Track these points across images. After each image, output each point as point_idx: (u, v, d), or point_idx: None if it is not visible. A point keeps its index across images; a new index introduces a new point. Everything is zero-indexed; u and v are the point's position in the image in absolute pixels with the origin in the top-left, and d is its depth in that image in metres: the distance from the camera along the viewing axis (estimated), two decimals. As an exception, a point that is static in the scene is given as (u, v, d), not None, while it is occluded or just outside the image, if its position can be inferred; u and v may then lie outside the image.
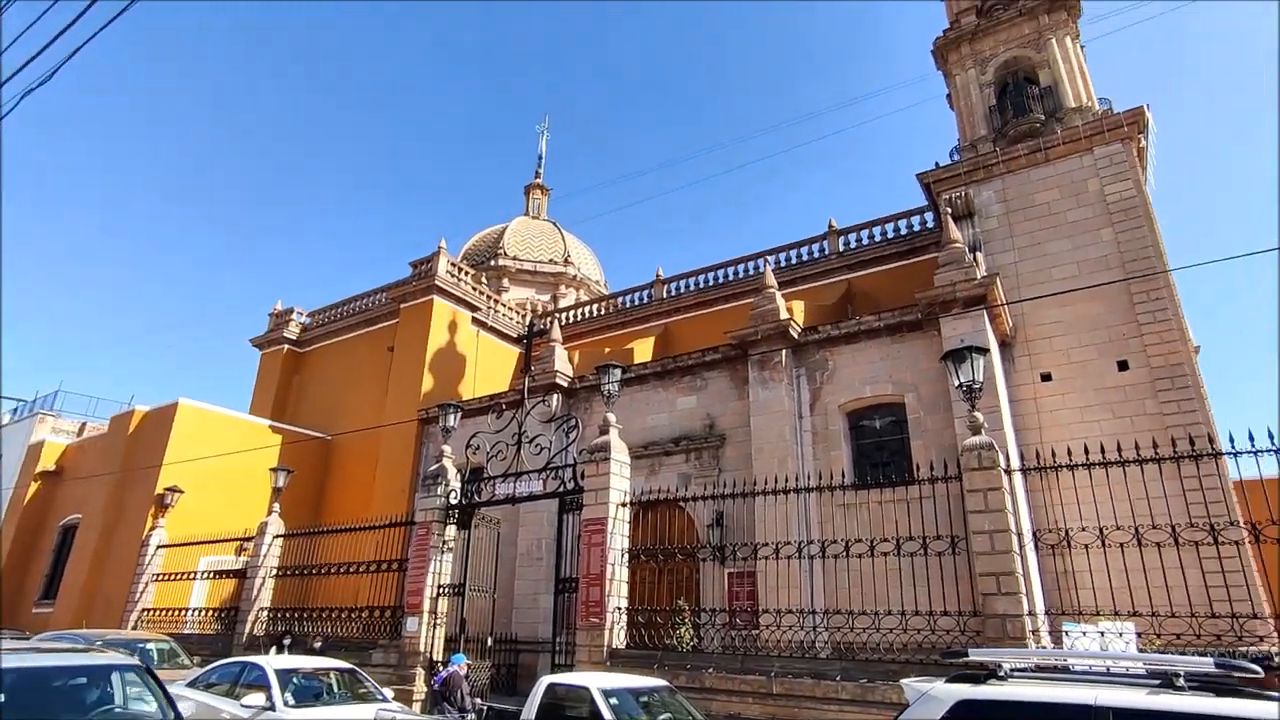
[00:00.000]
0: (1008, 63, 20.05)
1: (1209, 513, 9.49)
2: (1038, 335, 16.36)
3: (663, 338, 24.72)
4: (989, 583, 9.40)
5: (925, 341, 15.67)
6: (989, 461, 9.79)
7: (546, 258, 35.65)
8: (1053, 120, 18.39)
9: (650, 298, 26.24)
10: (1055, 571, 13.19)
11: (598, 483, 12.32)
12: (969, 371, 10.39)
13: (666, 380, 19.07)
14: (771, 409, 16.56)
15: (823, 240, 23.04)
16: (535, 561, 18.17)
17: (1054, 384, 15.88)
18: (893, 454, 15.66)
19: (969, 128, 19.90)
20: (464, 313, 25.66)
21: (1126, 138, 16.87)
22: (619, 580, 11.79)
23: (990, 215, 18.14)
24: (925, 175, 19.38)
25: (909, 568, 9.82)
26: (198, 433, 21.94)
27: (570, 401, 20.25)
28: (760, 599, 14.05)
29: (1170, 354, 14.75)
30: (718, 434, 17.61)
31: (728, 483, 13.56)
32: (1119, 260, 16.07)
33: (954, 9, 21.86)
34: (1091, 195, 16.94)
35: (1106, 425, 14.64)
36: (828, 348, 16.89)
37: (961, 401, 11.72)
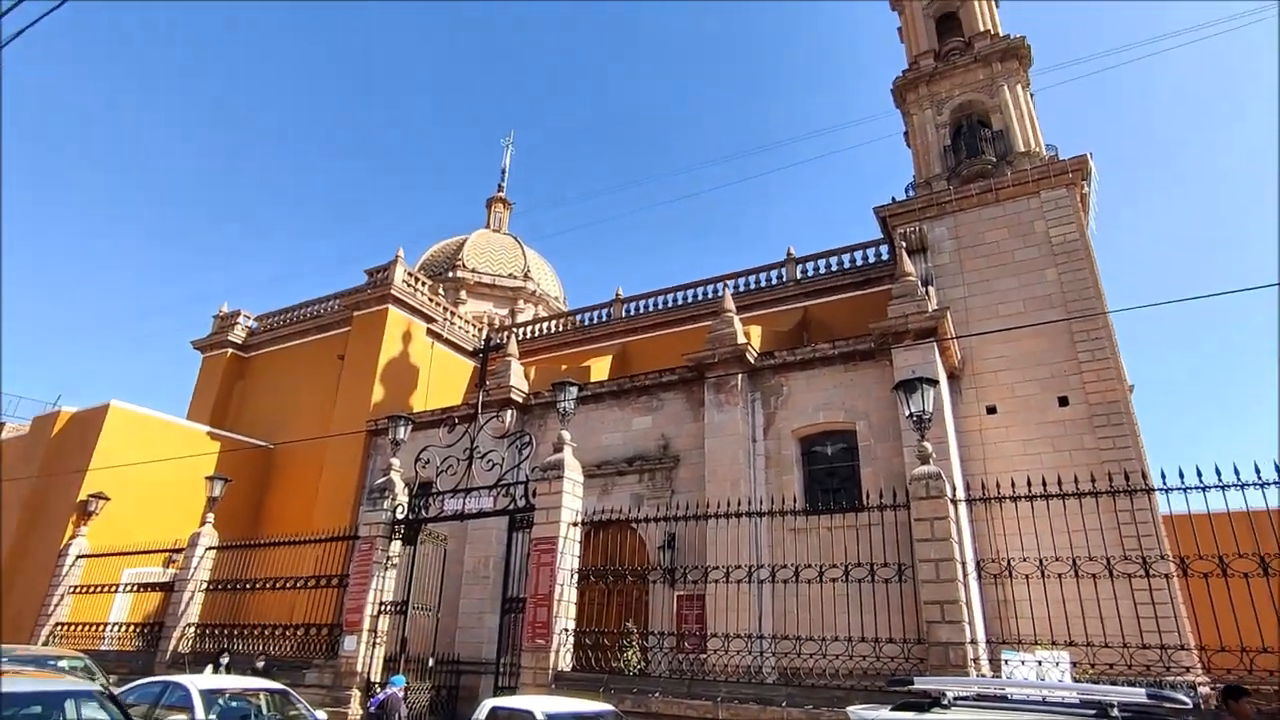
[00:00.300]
0: (962, 105, 20.85)
1: (1141, 546, 9.87)
2: (984, 369, 16.86)
3: (620, 357, 24.70)
4: (933, 610, 9.55)
5: (877, 370, 16.00)
6: (936, 491, 9.98)
7: (506, 272, 35.40)
8: (1003, 163, 19.15)
9: (609, 316, 26.24)
10: (996, 600, 13.49)
11: (550, 501, 12.15)
12: (919, 402, 10.62)
13: (623, 400, 19.02)
14: (726, 432, 16.64)
15: (781, 267, 23.43)
16: (482, 580, 17.79)
17: (999, 417, 16.35)
18: (843, 480, 15.86)
19: (924, 165, 20.57)
20: (419, 323, 25.24)
21: (1071, 183, 17.66)
22: (567, 601, 11.61)
23: (942, 251, 18.71)
24: (882, 209, 19.92)
25: (856, 594, 9.91)
26: (129, 438, 20.95)
27: (525, 418, 20.02)
28: (709, 622, 13.99)
29: (1107, 392, 15.36)
30: (672, 455, 17.60)
31: (680, 504, 13.54)
32: (1062, 300, 16.72)
33: (913, 51, 22.67)
34: (1038, 236, 17.64)
35: (1047, 458, 15.11)
36: (783, 373, 17.10)
37: (911, 431, 11.95)
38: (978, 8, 21.91)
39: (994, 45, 20.72)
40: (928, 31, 22.65)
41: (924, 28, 22.74)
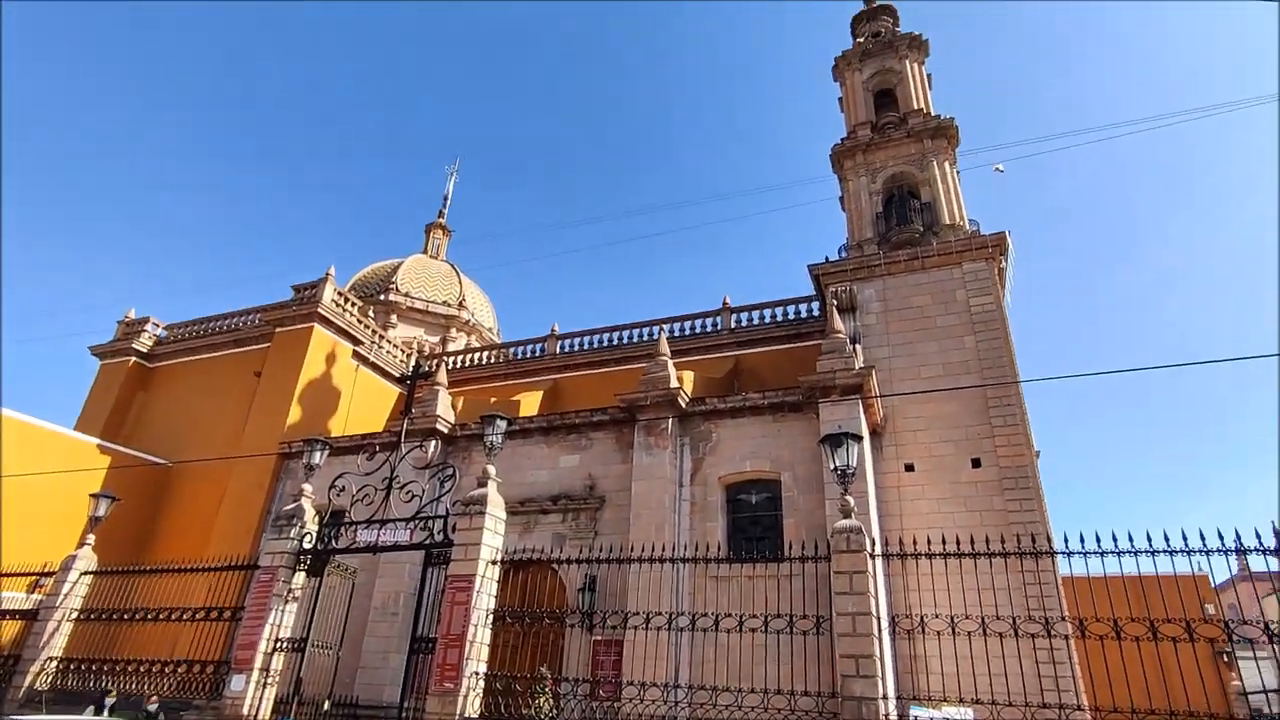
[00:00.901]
0: (895, 176, 22.01)
1: (1044, 606, 10.29)
2: (905, 428, 17.46)
3: (551, 393, 24.45)
4: (849, 664, 9.60)
5: (804, 423, 16.35)
6: (857, 545, 10.14)
7: (440, 299, 34.75)
8: (930, 233, 20.23)
9: (543, 351, 26.01)
10: (906, 655, 13.73)
11: (469, 537, 11.73)
12: (844, 456, 10.86)
13: (551, 436, 18.76)
14: (654, 475, 16.59)
15: (716, 316, 23.85)
16: (390, 617, 16.94)
17: (916, 475, 16.91)
18: (766, 529, 16.00)
19: (858, 229, 21.52)
20: (345, 345, 24.36)
21: (990, 257, 18.79)
22: (480, 643, 11.13)
23: (870, 312, 19.47)
24: (816, 268, 20.65)
25: (775, 645, 9.89)
26: (5, 447, 19.20)
27: (449, 449, 19.45)
28: (626, 670, 13.68)
29: (1017, 456, 16.14)
30: (598, 495, 17.39)
31: (603, 546, 13.31)
32: (978, 366, 17.59)
33: (852, 121, 23.89)
34: (959, 305, 18.60)
35: (959, 518, 15.66)
36: (713, 420, 17.26)
37: (834, 484, 12.20)
38: (913, 87, 23.36)
39: (926, 123, 22.07)
40: (866, 104, 23.95)
41: (863, 100, 24.04)
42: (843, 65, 25.27)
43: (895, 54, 24.23)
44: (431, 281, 35.47)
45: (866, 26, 26.74)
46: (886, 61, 24.30)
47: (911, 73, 23.67)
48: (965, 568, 9.91)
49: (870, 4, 27.27)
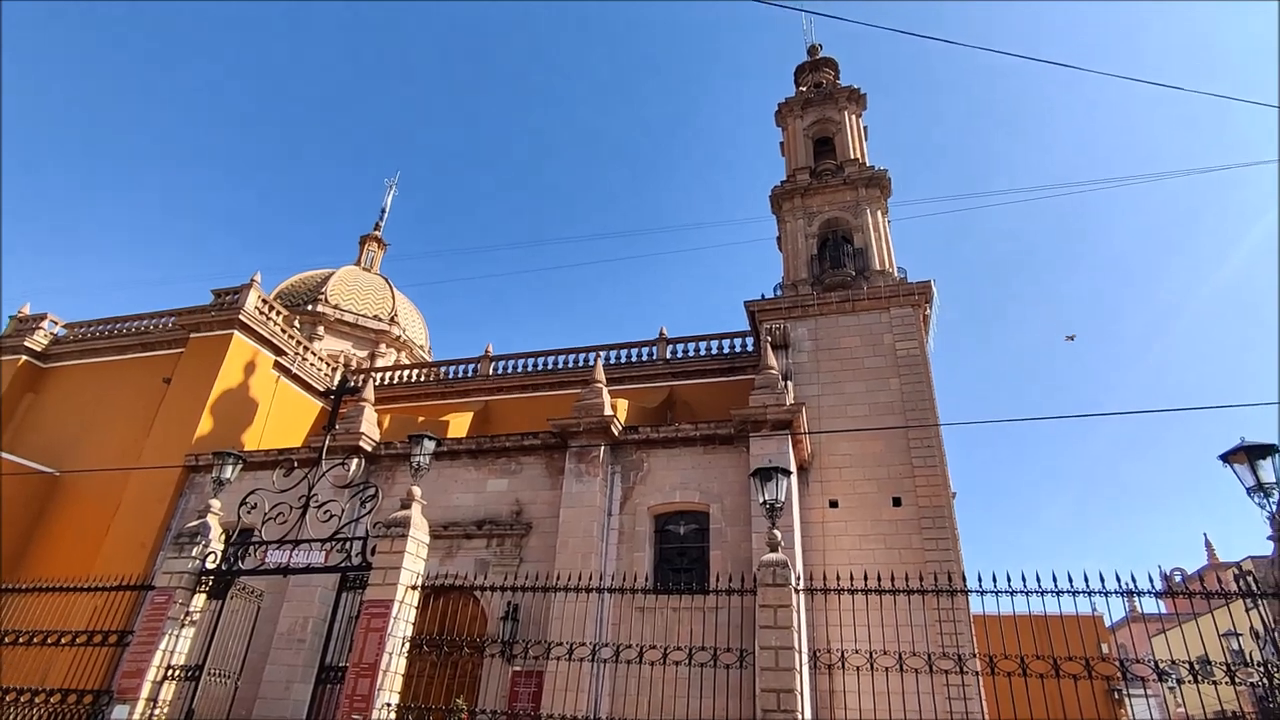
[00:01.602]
0: (830, 221, 22.85)
1: (957, 643, 10.62)
2: (830, 464, 17.89)
3: (482, 415, 23.98)
4: (770, 699, 9.64)
5: (734, 456, 16.54)
6: (783, 579, 10.25)
7: (371, 313, 33.77)
8: (861, 277, 21.02)
9: (475, 372, 25.55)
10: (823, 690, 13.89)
11: (390, 560, 11.26)
12: (774, 490, 11.00)
13: (480, 459, 18.35)
14: (583, 503, 16.41)
15: (653, 346, 24.01)
16: (297, 644, 16.02)
17: (840, 511, 17.30)
18: (693, 561, 16.01)
19: (793, 269, 22.16)
20: (267, 355, 23.30)
21: (916, 304, 19.66)
22: (394, 672, 10.64)
23: (802, 350, 20.00)
24: (752, 304, 21.12)
25: (698, 678, 9.83)
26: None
27: (372, 468, 18.76)
28: (545, 702, 13.33)
29: (935, 496, 16.74)
30: (525, 521, 17.06)
31: (528, 574, 13.03)
32: (902, 408, 18.26)
33: (792, 165, 24.76)
34: (885, 348, 19.32)
35: (879, 554, 16.08)
36: (645, 449, 17.26)
37: (762, 518, 12.35)
38: (850, 137, 24.43)
39: (861, 172, 23.08)
40: (806, 150, 24.89)
41: (803, 147, 24.97)
42: (785, 112, 26.23)
43: (835, 105, 25.32)
44: (363, 294, 34.47)
45: (809, 77, 27.92)
46: (826, 111, 25.36)
47: (849, 124, 24.77)
48: (885, 604, 10.15)
49: (813, 56, 28.51)
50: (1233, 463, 8.77)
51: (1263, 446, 8.56)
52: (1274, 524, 8.62)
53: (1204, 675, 8.08)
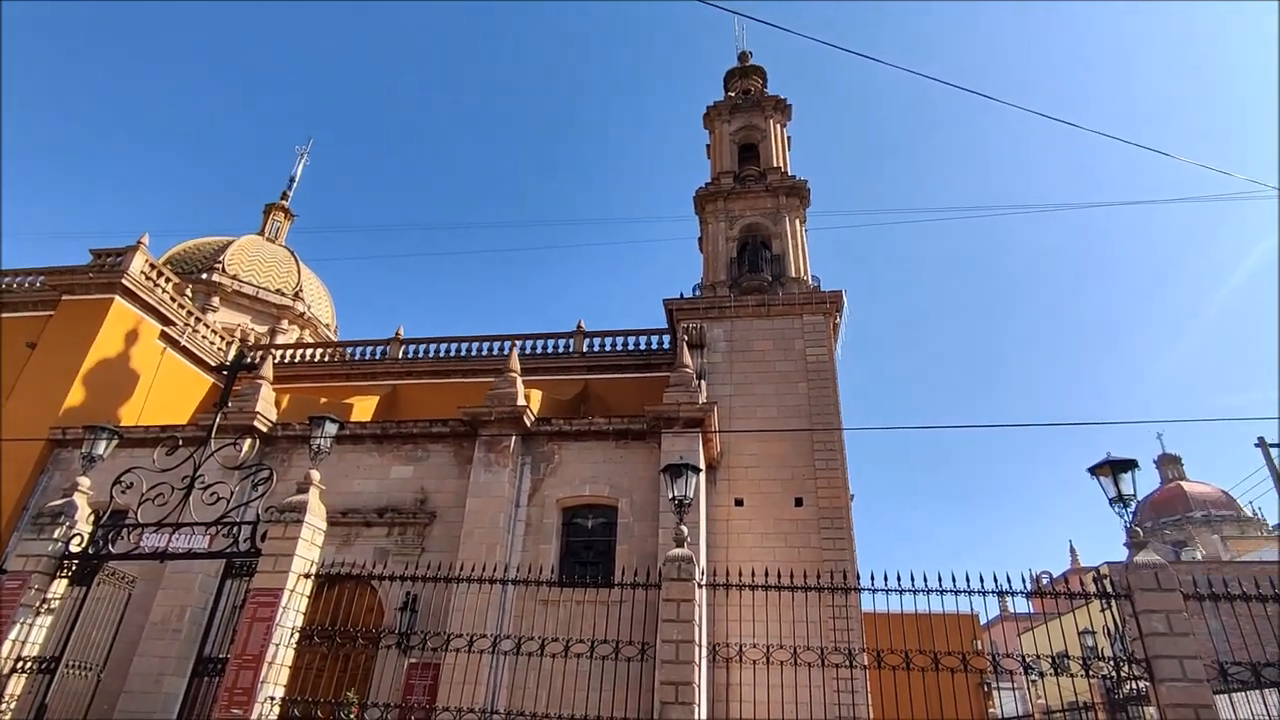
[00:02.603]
0: (751, 226, 23.36)
1: (848, 639, 11.11)
2: (738, 464, 18.32)
3: (389, 399, 23.17)
4: (668, 691, 9.77)
5: (645, 451, 16.68)
6: (687, 574, 10.41)
7: (275, 286, 31.96)
8: (777, 283, 21.61)
9: (384, 355, 24.65)
10: (721, 683, 14.22)
11: (281, 547, 10.70)
12: (683, 487, 11.17)
13: (385, 445, 17.73)
14: (491, 493, 16.14)
15: (569, 338, 23.87)
16: (172, 634, 14.99)
17: (745, 509, 17.75)
18: (599, 555, 16.04)
19: (712, 270, 22.54)
20: (152, 324, 21.65)
21: (827, 312, 20.40)
22: (280, 664, 10.12)
23: (717, 350, 20.37)
24: (670, 303, 21.34)
25: (599, 671, 9.86)
26: None
27: (267, 450, 17.77)
28: (441, 695, 13.03)
29: (834, 498, 17.43)
30: (429, 510, 16.61)
31: (429, 564, 12.68)
32: (808, 411, 18.90)
33: (717, 168, 25.16)
34: (796, 353, 19.95)
35: (779, 552, 16.60)
36: (557, 441, 17.15)
37: (670, 513, 12.51)
38: (774, 145, 25.05)
39: (782, 181, 23.71)
40: (731, 155, 25.34)
41: (729, 151, 25.42)
42: (713, 115, 26.63)
43: (761, 113, 25.91)
44: (266, 266, 32.56)
45: (738, 83, 28.44)
46: (753, 119, 25.91)
47: (774, 132, 25.39)
48: (783, 600, 10.49)
49: (743, 63, 29.06)
50: (1099, 475, 9.55)
51: (1125, 461, 9.37)
52: (1129, 532, 9.47)
53: (1062, 669, 8.77)
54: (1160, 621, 8.50)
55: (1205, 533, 46.31)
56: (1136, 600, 8.70)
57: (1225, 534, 45.45)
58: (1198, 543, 44.72)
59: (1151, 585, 8.69)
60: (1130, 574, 8.93)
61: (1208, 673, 8.28)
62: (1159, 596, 8.62)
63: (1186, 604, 8.62)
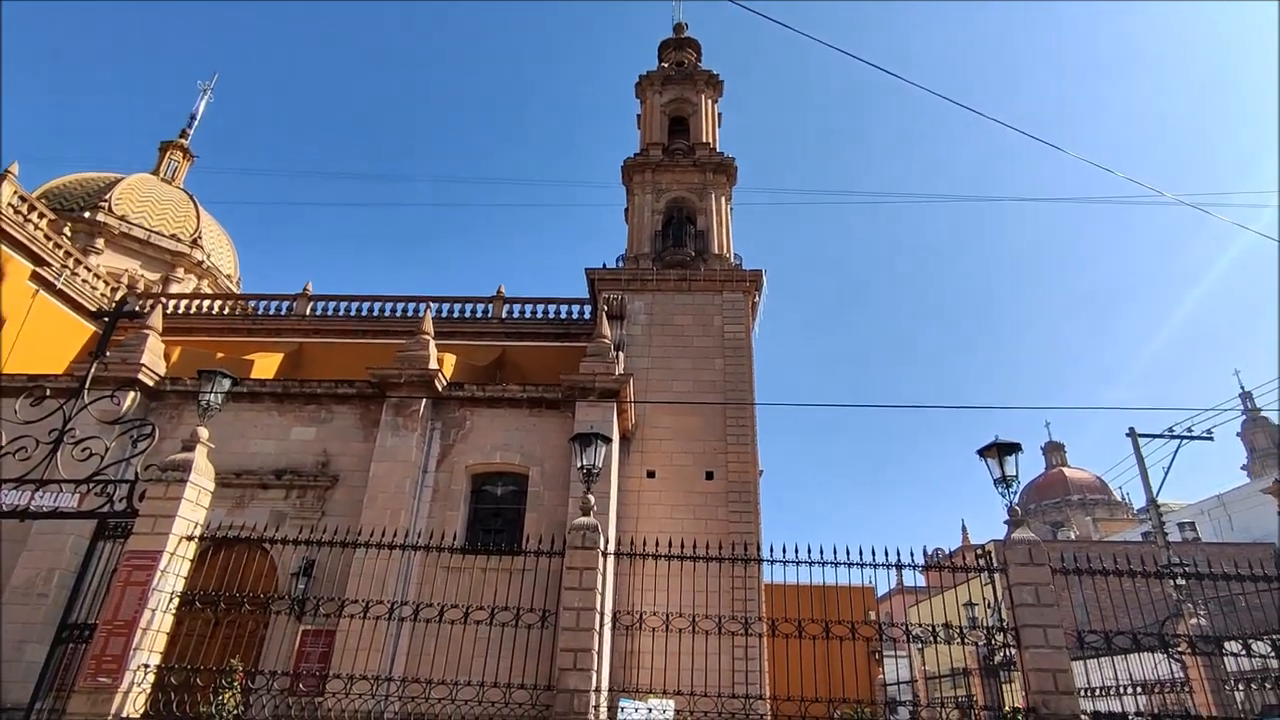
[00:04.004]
0: (677, 200, 23.34)
1: (747, 609, 11.45)
2: (652, 436, 18.48)
3: (294, 357, 22.07)
4: (567, 658, 9.81)
5: (559, 420, 16.55)
6: (591, 543, 10.43)
7: (169, 231, 29.73)
8: (700, 259, 21.74)
9: (290, 310, 23.41)
10: (627, 651, 14.44)
11: (162, 508, 10.04)
12: (591, 456, 11.14)
13: (286, 404, 16.91)
14: (398, 457, 15.69)
15: (488, 303, 23.32)
16: (36, 599, 13.94)
17: (656, 481, 17.95)
18: (508, 522, 15.90)
19: (637, 242, 22.44)
20: (21, 262, 19.76)
21: (747, 290, 20.69)
22: (157, 630, 9.56)
23: (637, 323, 20.37)
24: (593, 272, 21.13)
25: (498, 638, 9.79)
26: None
27: (153, 406, 16.63)
28: (335, 662, 12.68)
29: (744, 473, 17.86)
30: (331, 474, 16.00)
31: (329, 529, 12.24)
32: (723, 387, 19.21)
33: (646, 139, 24.94)
34: (714, 329, 20.18)
35: (688, 524, 16.90)
36: (469, 407, 16.79)
37: (579, 483, 12.46)
38: (704, 121, 25.02)
39: (711, 157, 23.75)
40: (661, 126, 25.16)
41: (659, 122, 25.22)
42: (645, 85, 26.31)
43: (693, 86, 25.78)
44: (160, 208, 30.21)
45: (672, 55, 28.17)
46: (685, 92, 25.76)
47: (705, 107, 25.35)
48: (688, 570, 10.67)
49: (678, 34, 28.78)
50: (986, 457, 10.09)
51: (1010, 445, 9.92)
52: (1009, 511, 10.07)
53: (942, 638, 9.31)
54: (1030, 593, 9.11)
55: (1080, 515, 50.29)
56: (1010, 574, 9.29)
57: (1097, 516, 49.48)
58: (1073, 524, 48.56)
59: (1024, 560, 9.28)
60: (1007, 550, 9.52)
61: (1068, 641, 8.94)
62: (1030, 570, 9.22)
63: (1054, 578, 9.26)
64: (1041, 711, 8.49)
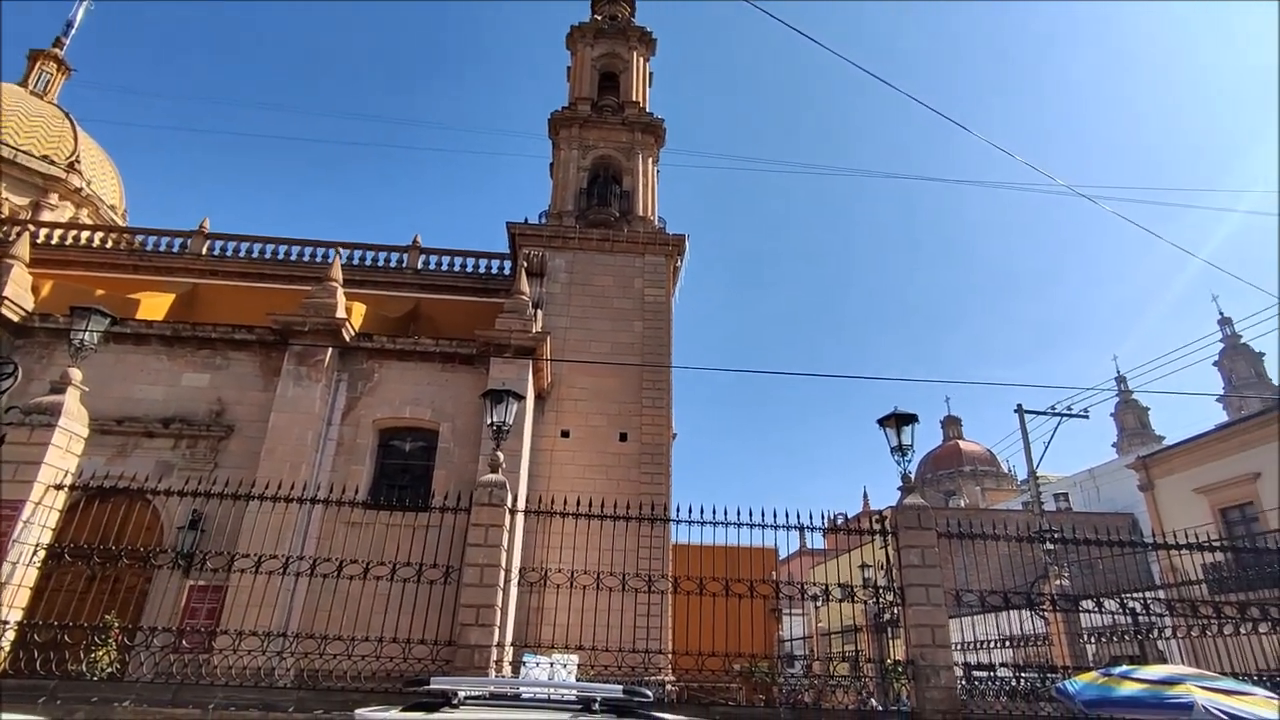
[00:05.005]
0: (604, 158, 22.95)
1: (651, 567, 11.65)
2: (568, 396, 18.40)
3: (188, 299, 20.61)
4: (469, 614, 9.76)
5: (473, 377, 16.22)
6: (498, 499, 10.33)
7: (40, 151, 26.95)
8: (624, 220, 21.54)
9: (184, 248, 21.81)
10: (530, 607, 14.51)
11: (26, 454, 9.29)
12: (503, 413, 11.01)
13: (176, 348, 15.84)
14: (300, 408, 15.01)
15: (403, 253, 22.42)
16: (-121, 550, 12.67)
17: (570, 441, 17.94)
18: (416, 478, 15.56)
19: (560, 198, 21.99)
20: None
21: (670, 254, 20.69)
22: (19, 585, 8.92)
23: (558, 281, 20.08)
24: (514, 226, 20.62)
25: (400, 594, 9.61)
26: None
27: (19, 344, 15.24)
28: (225, 618, 12.16)
29: (658, 435, 18.07)
30: (226, 423, 15.18)
31: (221, 481, 11.62)
32: (640, 350, 19.27)
33: (575, 93, 24.31)
34: (635, 292, 20.14)
35: (600, 484, 17.01)
36: (379, 359, 16.22)
37: (490, 440, 12.30)
38: (635, 79, 24.58)
39: (640, 117, 23.41)
40: (591, 81, 24.56)
41: (589, 77, 24.60)
42: (576, 37, 25.55)
43: (626, 42, 25.23)
44: (29, 125, 27.30)
45: (606, 7, 27.42)
46: (616, 47, 25.18)
47: (637, 65, 24.88)
48: (595, 530, 10.73)
49: (614, -14, 28.00)
50: (885, 427, 10.54)
51: (907, 415, 10.38)
52: (903, 478, 10.59)
53: (838, 596, 9.78)
54: (917, 555, 9.66)
55: (971, 484, 53.78)
56: (900, 537, 9.81)
57: (986, 486, 53.05)
58: (964, 492, 51.92)
59: (913, 524, 9.81)
60: (898, 514, 10.03)
61: (947, 600, 9.56)
62: (918, 534, 9.77)
63: (940, 542, 9.84)
64: (919, 663, 9.08)
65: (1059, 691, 8.13)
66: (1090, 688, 7.61)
